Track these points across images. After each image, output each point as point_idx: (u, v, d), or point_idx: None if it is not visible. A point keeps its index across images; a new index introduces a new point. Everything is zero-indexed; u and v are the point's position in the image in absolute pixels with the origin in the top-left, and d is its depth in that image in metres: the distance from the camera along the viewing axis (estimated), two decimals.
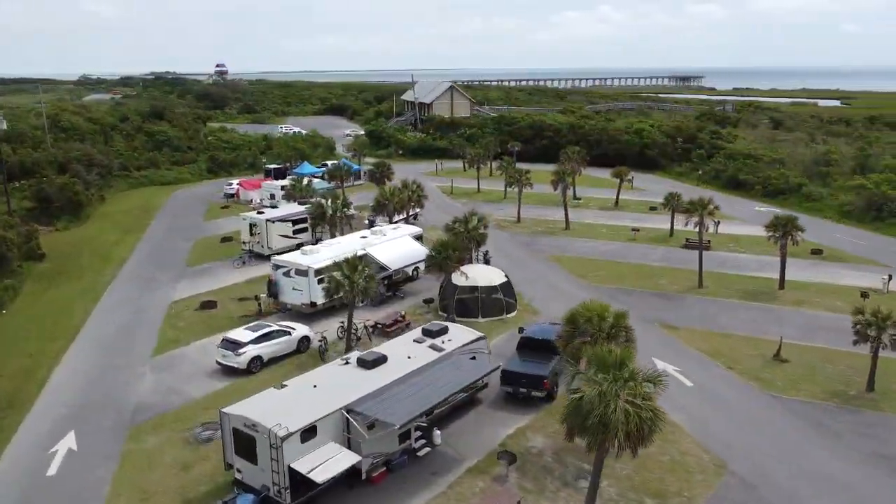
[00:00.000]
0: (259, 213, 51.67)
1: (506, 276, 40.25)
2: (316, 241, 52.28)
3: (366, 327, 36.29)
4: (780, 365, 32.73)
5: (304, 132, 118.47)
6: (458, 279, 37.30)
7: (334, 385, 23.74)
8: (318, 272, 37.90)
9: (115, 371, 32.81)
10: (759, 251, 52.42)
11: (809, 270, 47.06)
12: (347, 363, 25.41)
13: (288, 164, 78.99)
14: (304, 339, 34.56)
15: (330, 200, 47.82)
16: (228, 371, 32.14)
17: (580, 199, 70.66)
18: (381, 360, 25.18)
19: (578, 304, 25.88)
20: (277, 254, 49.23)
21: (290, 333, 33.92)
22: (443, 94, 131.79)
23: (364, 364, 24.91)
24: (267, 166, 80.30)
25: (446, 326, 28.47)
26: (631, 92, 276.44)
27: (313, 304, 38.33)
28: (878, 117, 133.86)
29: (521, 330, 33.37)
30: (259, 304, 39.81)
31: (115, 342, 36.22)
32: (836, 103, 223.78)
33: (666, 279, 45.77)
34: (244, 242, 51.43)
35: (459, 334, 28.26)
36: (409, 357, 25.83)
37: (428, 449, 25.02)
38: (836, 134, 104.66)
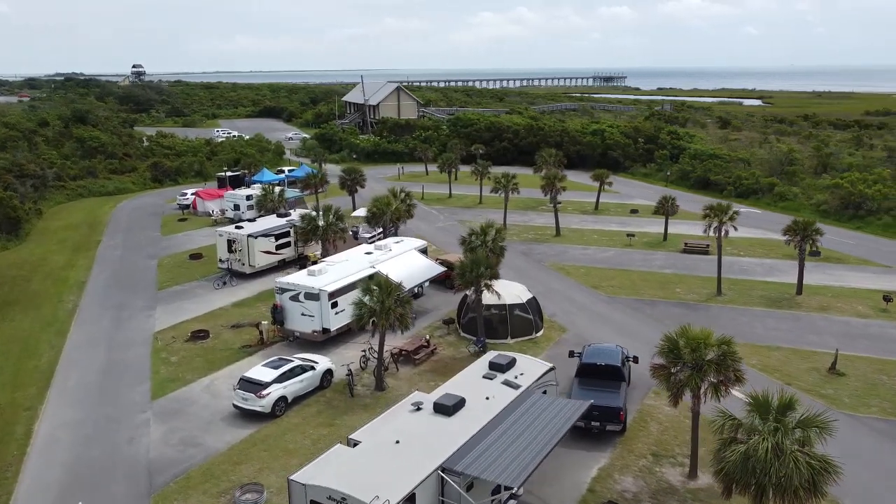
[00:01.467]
0: (237, 227, 47.00)
1: (529, 291, 37.52)
2: (299, 258, 48.44)
3: (392, 355, 32.77)
4: (837, 379, 31.27)
5: (245, 136, 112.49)
6: (486, 297, 34.28)
7: (417, 439, 20.30)
8: (331, 295, 34.07)
9: (111, 422, 28.10)
10: (759, 254, 51.81)
11: (816, 274, 46.32)
12: (420, 409, 21.97)
13: (246, 172, 73.69)
14: (327, 373, 30.75)
15: (321, 212, 43.76)
16: (248, 414, 28.03)
17: (560, 203, 68.62)
18: (461, 403, 21.90)
19: (675, 330, 23.31)
20: (260, 271, 45.31)
21: (314, 368, 30.05)
22: (389, 96, 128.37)
23: (443, 410, 21.56)
24: (221, 174, 74.72)
25: (514, 358, 25.38)
26: (561, 92, 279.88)
27: (325, 332, 34.45)
28: (811, 116, 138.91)
29: (572, 354, 30.70)
30: (261, 333, 35.56)
31: (101, 386, 31.29)
32: (758, 102, 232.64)
33: (681, 287, 44.11)
34: (221, 260, 46.70)
35: (530, 366, 25.25)
36: (487, 398, 22.63)
37: (514, 502, 21.91)
38: (785, 133, 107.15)
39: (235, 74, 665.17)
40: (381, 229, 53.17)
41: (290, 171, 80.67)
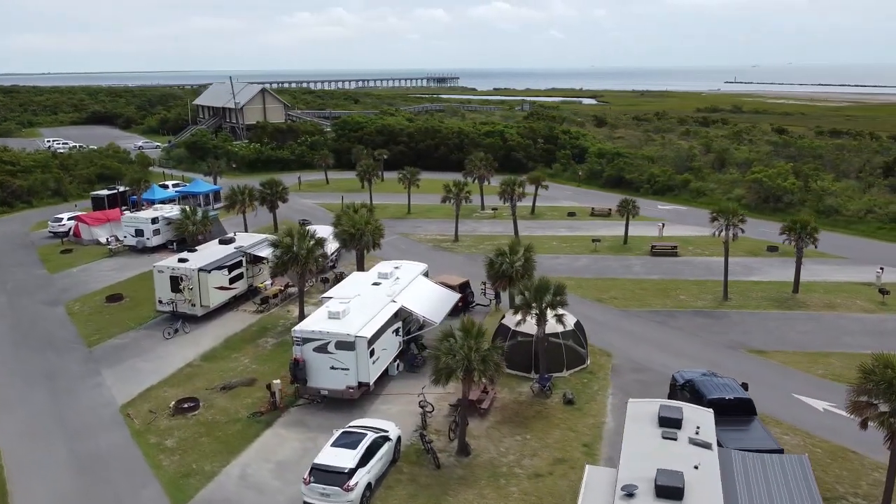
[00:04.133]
0: (181, 259, 38.51)
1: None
2: (250, 289, 41.08)
3: (453, 407, 27.44)
4: None
5: (81, 146, 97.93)
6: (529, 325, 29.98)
7: None
8: (370, 342, 27.97)
9: None
10: (721, 252, 51.65)
11: (789, 269, 46.84)
12: (632, 496, 17.30)
13: (128, 189, 62.60)
14: (397, 442, 24.87)
15: (296, 238, 36.74)
16: None
17: (496, 208, 65.45)
18: (678, 478, 17.51)
19: (871, 359, 20.53)
20: (213, 311, 37.63)
21: (388, 438, 24.05)
22: (254, 99, 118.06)
23: (671, 494, 17.04)
24: (98, 193, 63.07)
25: (680, 407, 21.30)
26: (401, 93, 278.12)
27: (362, 386, 28.27)
28: (663, 113, 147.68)
29: (678, 386, 27.15)
30: (273, 395, 28.50)
31: (87, 497, 22.97)
32: (593, 101, 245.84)
33: (683, 294, 42.49)
34: (161, 302, 38.07)
35: (698, 416, 21.28)
36: (695, 467, 18.42)
37: None
38: (663, 130, 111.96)
39: (18, 77, 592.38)
40: (333, 254, 46.77)
41: (174, 185, 70.33)
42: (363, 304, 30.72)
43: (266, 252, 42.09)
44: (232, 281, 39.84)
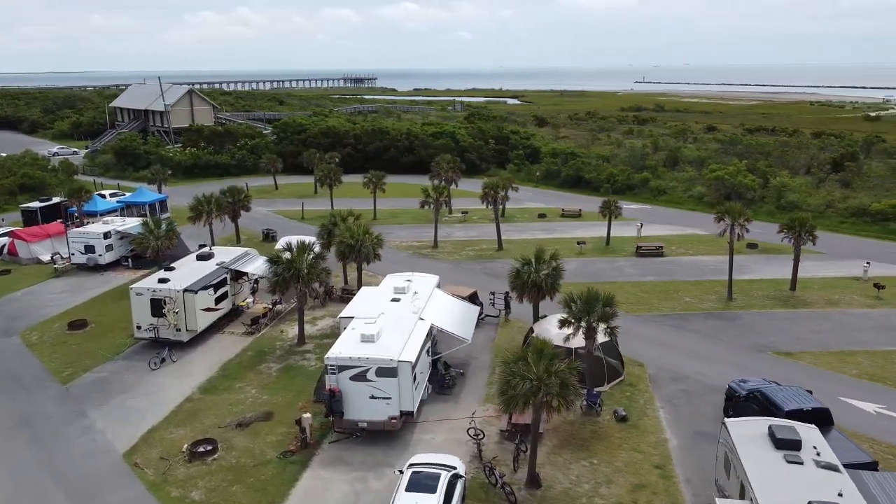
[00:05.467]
0: (162, 280, 34.46)
1: None
2: (233, 309, 37.57)
3: (506, 433, 25.28)
4: None
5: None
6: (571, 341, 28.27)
7: None
8: (414, 366, 25.40)
9: None
10: (705, 251, 51.76)
11: (775, 266, 47.33)
12: None
13: (65, 200, 56.66)
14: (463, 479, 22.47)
15: (292, 252, 33.53)
16: None
17: (466, 212, 63.44)
18: None
19: None
20: (199, 334, 34.07)
21: (459, 475, 21.60)
22: (180, 100, 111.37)
23: None
24: (29, 206, 56.91)
25: (792, 426, 19.85)
26: (320, 93, 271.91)
27: (406, 416, 25.66)
28: (594, 112, 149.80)
29: (741, 397, 25.90)
30: (303, 431, 25.43)
31: None
32: (517, 101, 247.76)
33: (686, 295, 41.86)
34: (140, 327, 34.00)
35: (808, 434, 19.93)
36: (840, 495, 17.02)
37: None
38: (605, 129, 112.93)
39: None
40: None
41: (111, 194, 64.67)
42: (391, 323, 28.04)
43: (252, 268, 38.63)
44: (217, 301, 36.11)
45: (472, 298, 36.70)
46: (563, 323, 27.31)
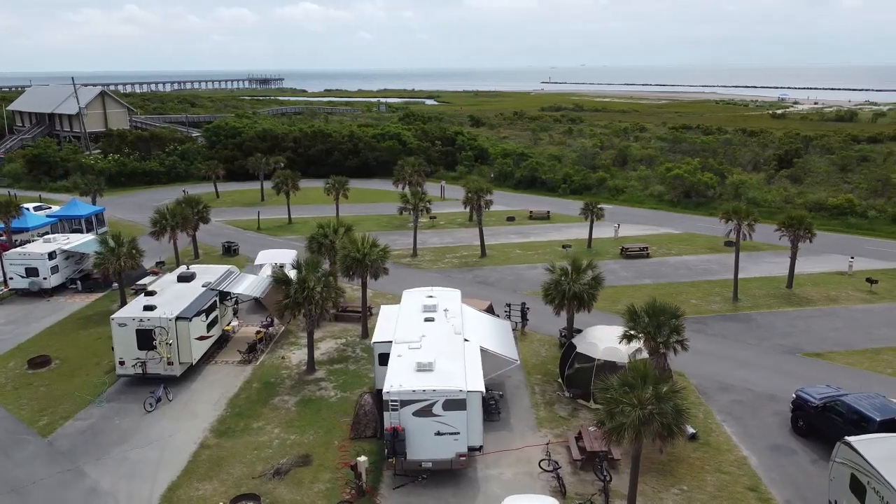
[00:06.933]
0: (148, 307, 30.08)
1: None
2: (221, 335, 33.79)
3: (583, 462, 23.12)
4: None
5: None
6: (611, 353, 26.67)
7: None
8: (485, 395, 22.78)
9: None
10: (690, 251, 51.52)
11: (762, 264, 47.63)
12: None
13: None
14: None
15: (299, 272, 30.05)
16: None
17: (434, 216, 60.76)
18: None
19: None
20: (193, 366, 30.24)
21: None
22: (92, 103, 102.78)
23: None
24: None
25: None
26: (225, 94, 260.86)
27: (473, 451, 22.99)
28: (520, 112, 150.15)
29: (814, 407, 24.75)
30: (359, 476, 22.29)
31: None
32: (432, 102, 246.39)
33: (693, 298, 41.07)
34: (123, 363, 29.59)
35: None
36: None
37: None
38: (543, 129, 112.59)
39: None
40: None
41: (35, 208, 57.96)
42: (439, 347, 25.21)
43: (241, 288, 34.72)
44: (209, 327, 32.06)
45: (489, 312, 34.31)
46: (629, 338, 25.40)
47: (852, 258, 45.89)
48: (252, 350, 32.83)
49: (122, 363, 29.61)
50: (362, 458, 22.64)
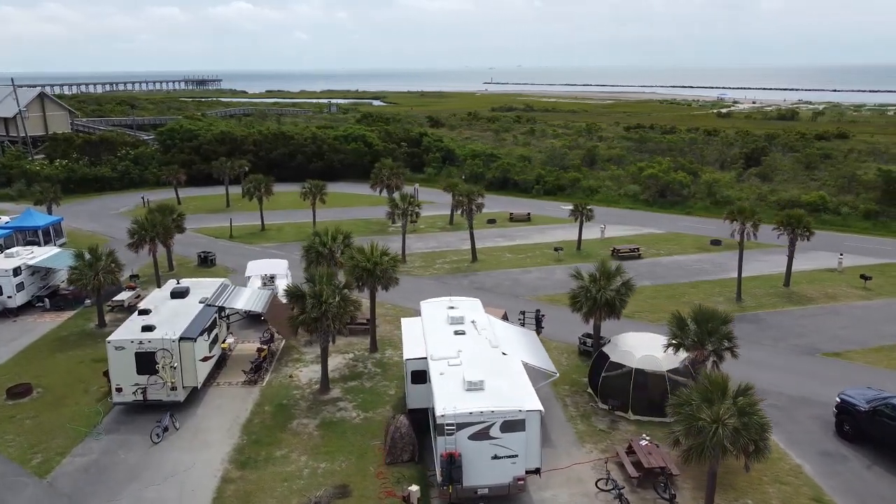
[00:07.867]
0: (146, 328, 27.52)
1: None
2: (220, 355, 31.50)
3: (641, 480, 22.00)
4: None
5: None
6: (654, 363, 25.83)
7: None
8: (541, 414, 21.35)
9: None
10: (679, 251, 51.41)
11: (751, 262, 47.65)
12: None
13: None
14: None
15: (313, 284, 28.04)
16: None
17: (415, 220, 58.85)
18: None
19: None
20: (197, 387, 28.01)
21: None
22: (31, 105, 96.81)
23: None
24: None
25: None
26: (162, 96, 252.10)
27: (531, 474, 21.54)
28: (474, 113, 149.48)
29: (862, 410, 24.28)
30: None
31: None
32: (380, 102, 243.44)
33: (695, 298, 40.47)
34: (120, 390, 27.00)
35: None
36: None
37: None
38: (504, 129, 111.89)
39: None
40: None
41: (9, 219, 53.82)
42: (481, 364, 23.64)
43: (241, 303, 32.36)
44: (210, 347, 29.67)
45: (504, 320, 32.94)
46: (676, 346, 24.45)
47: (841, 255, 46.46)
48: (258, 369, 30.53)
49: (118, 390, 26.98)
50: (414, 488, 20.97)
